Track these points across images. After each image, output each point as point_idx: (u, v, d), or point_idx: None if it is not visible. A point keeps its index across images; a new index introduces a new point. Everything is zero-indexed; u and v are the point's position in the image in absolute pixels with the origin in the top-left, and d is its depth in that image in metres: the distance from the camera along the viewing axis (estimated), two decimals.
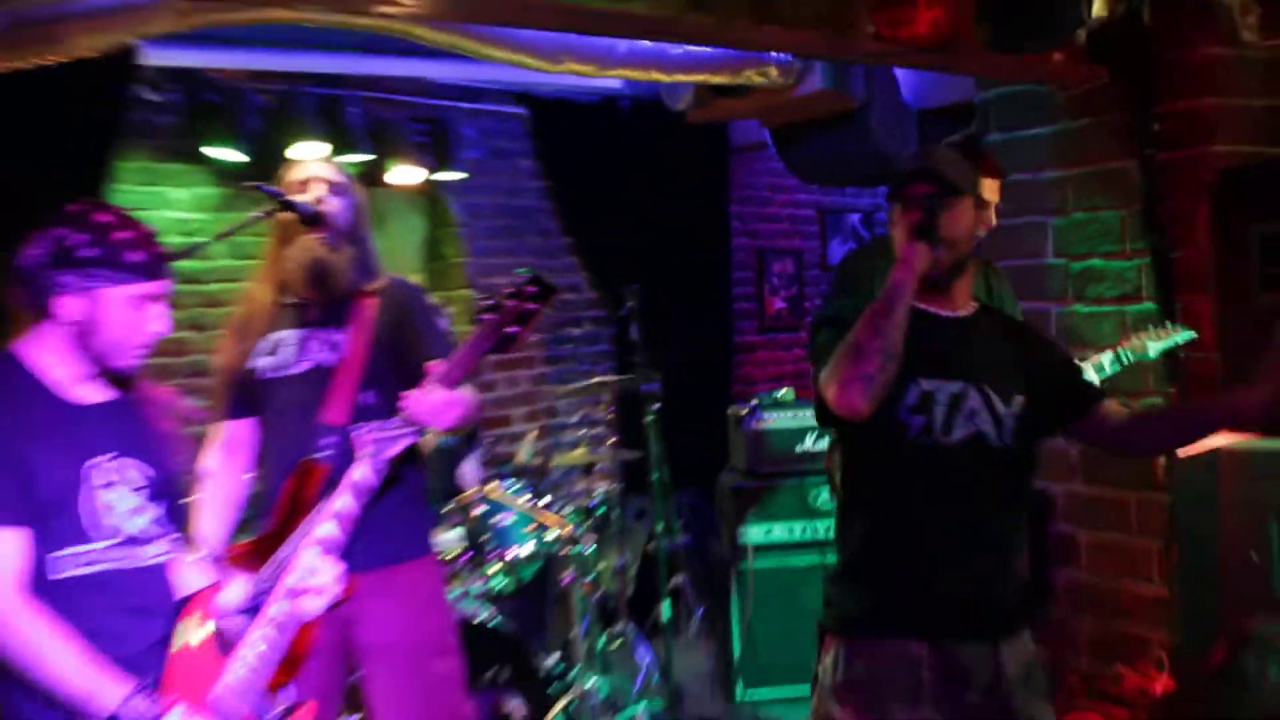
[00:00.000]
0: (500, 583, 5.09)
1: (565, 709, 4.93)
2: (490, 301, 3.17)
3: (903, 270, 2.67)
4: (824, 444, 5.62)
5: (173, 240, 5.84)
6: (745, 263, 8.55)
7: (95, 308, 2.42)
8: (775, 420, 5.69)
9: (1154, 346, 4.07)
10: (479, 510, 4.94)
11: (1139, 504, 5.03)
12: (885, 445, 2.75)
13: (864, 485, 2.85)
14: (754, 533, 5.61)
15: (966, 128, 5.80)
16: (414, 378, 3.46)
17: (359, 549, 3.25)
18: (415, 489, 3.57)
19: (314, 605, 2.66)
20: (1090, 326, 5.12)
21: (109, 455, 2.49)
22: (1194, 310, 4.78)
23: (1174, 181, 4.81)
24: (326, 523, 2.80)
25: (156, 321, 2.49)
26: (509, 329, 3.16)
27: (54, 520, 2.39)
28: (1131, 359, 4.05)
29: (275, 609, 2.62)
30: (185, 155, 5.90)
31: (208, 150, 5.71)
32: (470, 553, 4.95)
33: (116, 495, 2.48)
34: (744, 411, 5.78)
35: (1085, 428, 2.88)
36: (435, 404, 3.16)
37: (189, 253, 3.22)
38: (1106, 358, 4.02)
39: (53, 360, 2.47)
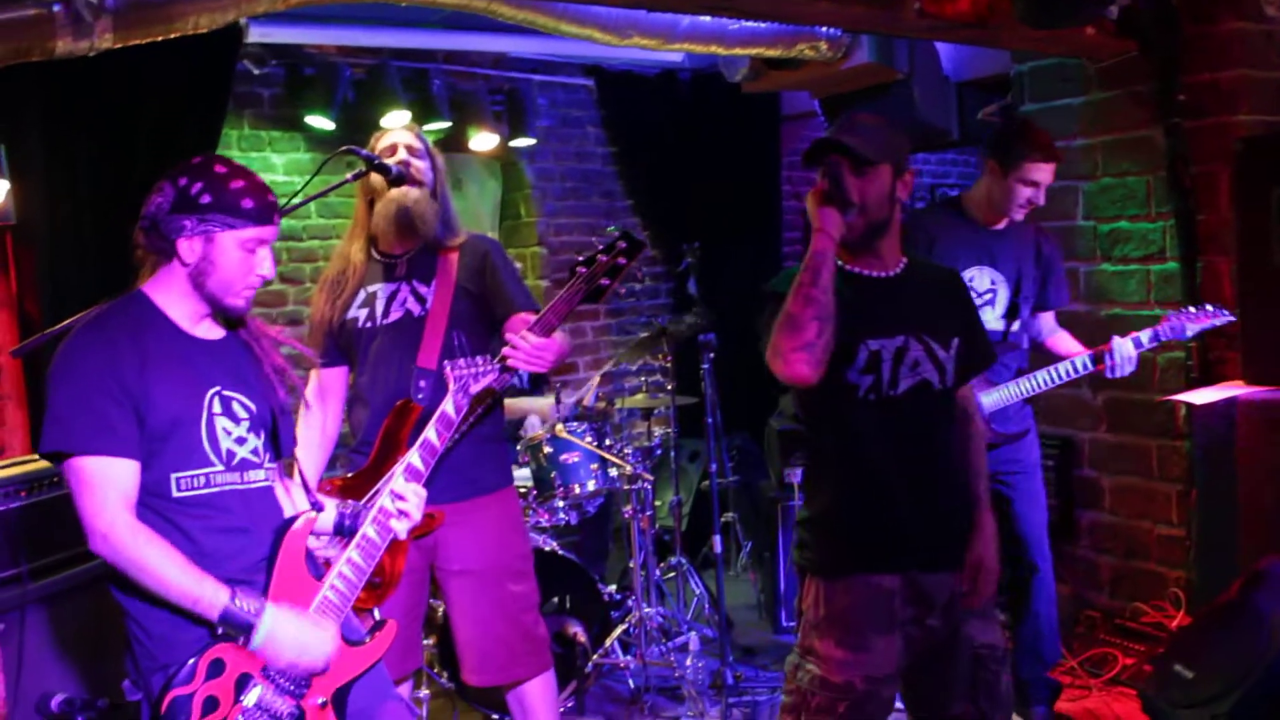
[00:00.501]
0: (565, 517, 5.14)
1: (623, 634, 4.98)
2: (584, 256, 3.22)
3: (820, 237, 2.64)
4: None
5: None
6: (794, 223, 8.50)
7: (210, 249, 2.48)
8: None
9: (1192, 328, 3.99)
10: (547, 449, 4.98)
11: (1160, 450, 5.00)
12: (841, 406, 2.75)
13: (825, 441, 2.85)
14: (799, 474, 5.60)
15: (1003, 98, 5.75)
16: (494, 323, 3.53)
17: (444, 483, 3.31)
18: (495, 427, 3.62)
19: (400, 528, 2.71)
20: (1117, 284, 5.08)
21: (222, 387, 2.55)
22: (1215, 270, 4.73)
23: (1198, 148, 4.75)
24: (414, 452, 2.83)
25: (264, 265, 2.54)
26: (601, 281, 3.23)
27: (175, 443, 2.46)
28: (1170, 338, 3.99)
29: (364, 533, 2.67)
30: (284, 123, 5.97)
31: (306, 119, 5.76)
32: (538, 488, 5.00)
33: (228, 423, 2.54)
34: None
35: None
36: (532, 349, 3.23)
37: (285, 211, 3.24)
38: (1145, 334, 3.95)
39: (175, 299, 2.53)
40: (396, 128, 3.67)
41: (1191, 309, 4.05)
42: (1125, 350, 3.93)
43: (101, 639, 3.26)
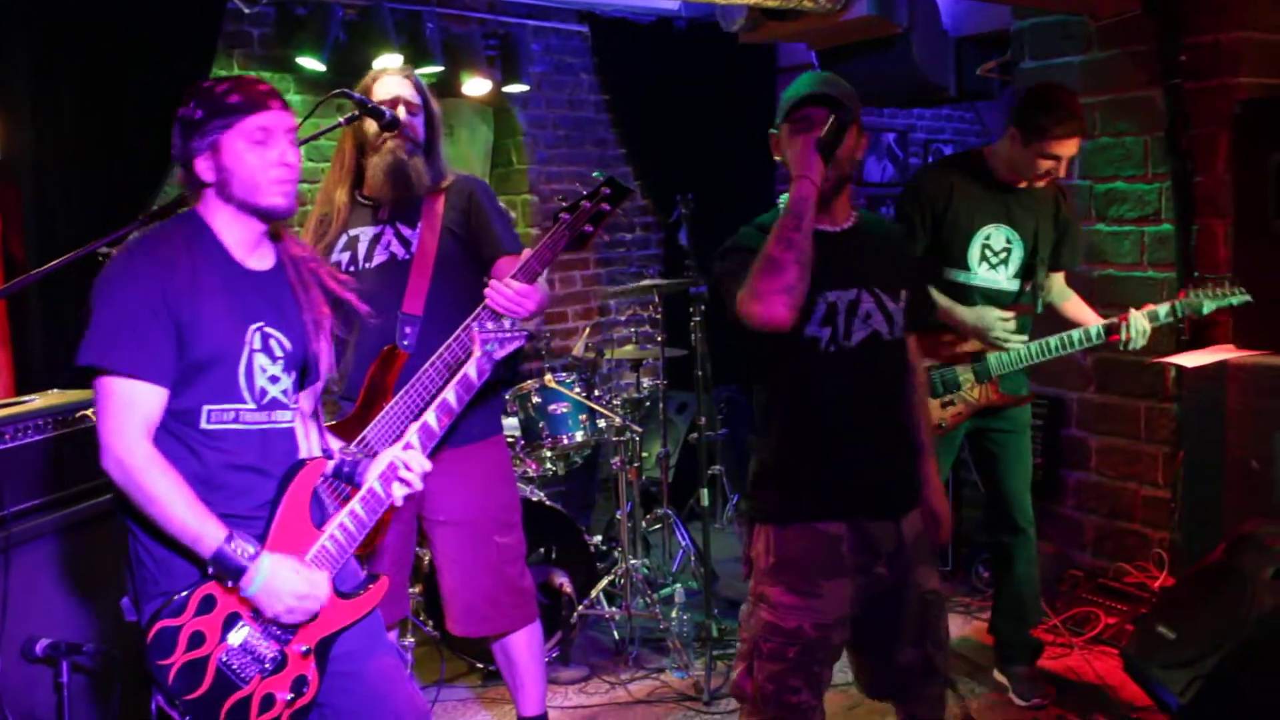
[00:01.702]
0: (552, 467, 5.13)
1: (608, 585, 4.99)
2: (568, 202, 3.18)
3: (803, 183, 2.67)
4: None
5: None
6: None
7: (220, 157, 2.45)
8: None
9: (1208, 304, 3.96)
10: (535, 399, 4.96)
11: (1148, 412, 5.01)
12: (798, 357, 2.78)
13: (779, 393, 2.86)
14: None
15: (1002, 54, 5.70)
16: (483, 266, 3.48)
17: None
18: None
19: (400, 492, 2.69)
20: (1111, 245, 5.06)
21: (265, 322, 2.53)
22: (1210, 233, 4.72)
23: (1197, 110, 4.72)
24: (431, 412, 2.79)
25: (283, 153, 2.48)
26: (585, 228, 3.19)
27: (213, 375, 2.45)
28: (1186, 312, 3.97)
29: (370, 487, 2.65)
30: (274, 64, 5.88)
31: (296, 60, 5.68)
32: (526, 438, 4.99)
33: (265, 360, 2.53)
34: None
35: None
36: (514, 295, 3.18)
37: None
38: (1163, 309, 3.92)
39: (225, 223, 2.51)
40: (392, 70, 3.60)
41: (1210, 284, 4.00)
42: (1139, 324, 3.92)
43: (87, 583, 3.25)
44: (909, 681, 2.95)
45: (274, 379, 2.54)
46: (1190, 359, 4.44)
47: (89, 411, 3.28)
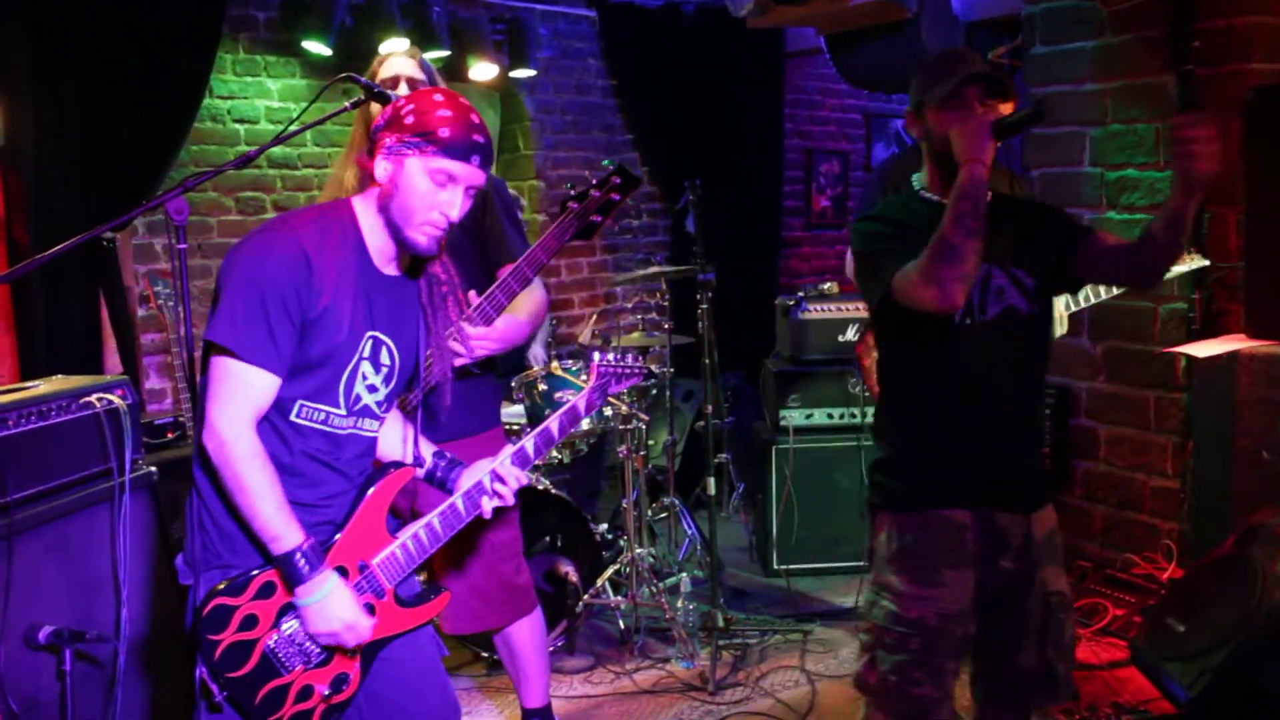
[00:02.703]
0: (558, 455, 5.12)
1: (614, 574, 4.98)
2: (577, 190, 3.15)
3: (979, 168, 2.57)
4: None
5: (267, 127, 5.84)
6: (795, 162, 8.44)
7: (398, 172, 2.42)
8: (818, 311, 5.63)
9: (1175, 269, 3.92)
10: (542, 387, 4.95)
11: (1157, 401, 4.98)
12: (935, 334, 2.72)
13: (912, 373, 2.81)
14: (794, 416, 5.59)
15: (1012, 39, 5.66)
16: (488, 265, 3.46)
17: (425, 423, 3.27)
18: (486, 367, 3.57)
19: (488, 506, 2.70)
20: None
21: (380, 330, 2.52)
22: (1221, 221, 4.69)
23: (1209, 97, 4.68)
24: (530, 438, 2.77)
25: (452, 206, 2.44)
26: (593, 217, 3.16)
27: (318, 376, 2.44)
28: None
29: (454, 503, 2.67)
30: (280, 48, 5.88)
31: (302, 44, 5.66)
32: (532, 426, 4.97)
33: (369, 369, 2.52)
34: (790, 302, 5.73)
35: (1086, 261, 2.77)
36: (473, 341, 3.15)
37: (284, 138, 3.18)
38: None
39: (373, 225, 2.49)
40: (398, 52, 3.57)
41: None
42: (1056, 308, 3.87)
43: (90, 570, 3.24)
44: (1027, 689, 2.84)
45: (372, 388, 2.54)
46: (1201, 348, 4.41)
47: (94, 397, 3.27)
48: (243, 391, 2.36)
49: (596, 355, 2.96)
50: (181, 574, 2.51)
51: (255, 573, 2.42)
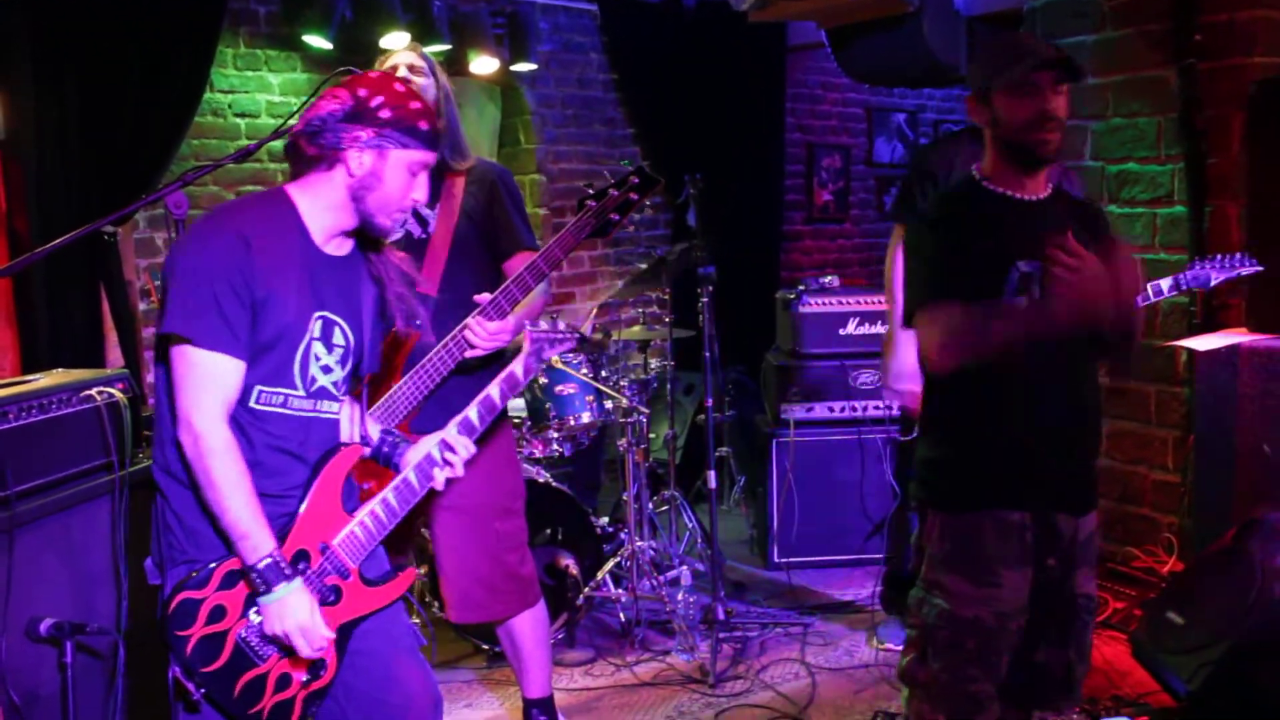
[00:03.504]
0: (559, 448, 5.12)
1: (615, 567, 4.99)
2: (595, 189, 3.16)
3: (1075, 315, 2.50)
4: (864, 329, 5.58)
5: (269, 122, 5.84)
6: (796, 156, 8.43)
7: (380, 165, 2.45)
8: (819, 305, 5.63)
9: (1217, 276, 3.87)
10: (542, 380, 4.95)
11: (1159, 395, 4.99)
12: None
13: (970, 373, 2.70)
14: (795, 409, 5.59)
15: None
16: (497, 256, 3.47)
17: (432, 414, 3.28)
18: (488, 358, 3.56)
19: (440, 477, 2.69)
20: (1123, 227, 5.03)
21: (330, 310, 2.53)
22: (1223, 215, 4.69)
23: (1211, 91, 4.69)
24: (473, 407, 2.76)
25: (419, 190, 2.53)
26: (611, 216, 3.17)
27: (272, 357, 2.44)
28: (1192, 285, 3.86)
29: (405, 478, 2.66)
30: (281, 42, 5.87)
31: (303, 38, 5.66)
32: (533, 419, 4.98)
33: (321, 349, 2.52)
34: (791, 296, 5.73)
35: None
36: (488, 335, 3.20)
37: (282, 133, 3.18)
38: (1166, 282, 3.83)
39: (320, 209, 2.50)
40: (400, 48, 3.58)
41: (1219, 256, 3.92)
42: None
43: (91, 562, 3.24)
44: (1043, 685, 2.83)
45: (326, 369, 2.54)
46: (1202, 342, 4.41)
47: (94, 391, 3.27)
48: (210, 380, 2.35)
49: (528, 325, 2.93)
50: (150, 575, 2.51)
51: (214, 565, 2.40)
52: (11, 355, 4.70)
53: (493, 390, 2.79)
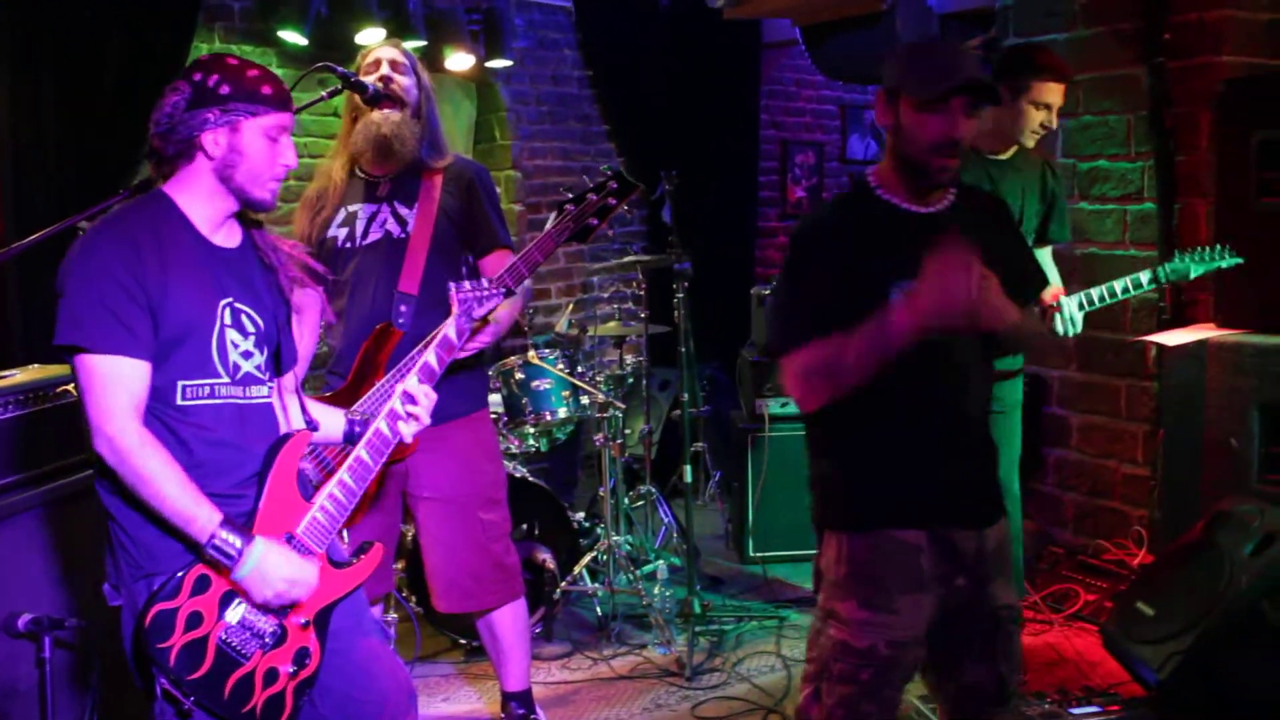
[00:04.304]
0: (535, 443, 5.13)
1: (591, 562, 5.00)
2: (574, 193, 3.19)
3: (916, 326, 2.35)
4: None
5: None
6: (770, 153, 8.47)
7: (236, 139, 2.45)
8: None
9: (1195, 268, 3.85)
10: (519, 375, 4.96)
11: (1128, 390, 5.04)
12: None
13: (856, 391, 2.56)
14: (770, 404, 5.62)
15: (985, 32, 5.70)
16: (475, 252, 3.50)
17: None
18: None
19: (409, 430, 2.69)
20: (1093, 223, 5.08)
21: (234, 298, 2.53)
22: (1192, 212, 4.74)
23: (1180, 89, 4.74)
24: (412, 375, 2.75)
25: (286, 154, 2.52)
26: (590, 220, 3.21)
27: (186, 351, 2.44)
28: (1171, 278, 3.87)
29: (357, 455, 2.64)
30: (256, 38, 5.85)
31: (278, 33, 5.65)
32: (509, 414, 4.99)
33: (237, 336, 2.52)
34: (765, 292, 5.76)
35: None
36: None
37: None
38: (1145, 275, 3.85)
39: (199, 200, 2.50)
40: (380, 45, 3.59)
41: (1198, 249, 3.88)
42: (1069, 309, 3.77)
43: (69, 558, 3.24)
44: (980, 703, 2.69)
45: (247, 354, 2.54)
46: (1171, 337, 4.46)
47: (70, 386, 3.26)
48: (113, 384, 2.34)
49: (453, 286, 2.92)
50: (110, 598, 2.48)
51: (182, 574, 2.38)
52: None
53: (429, 356, 2.80)
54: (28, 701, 3.01)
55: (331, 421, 2.79)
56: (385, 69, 3.43)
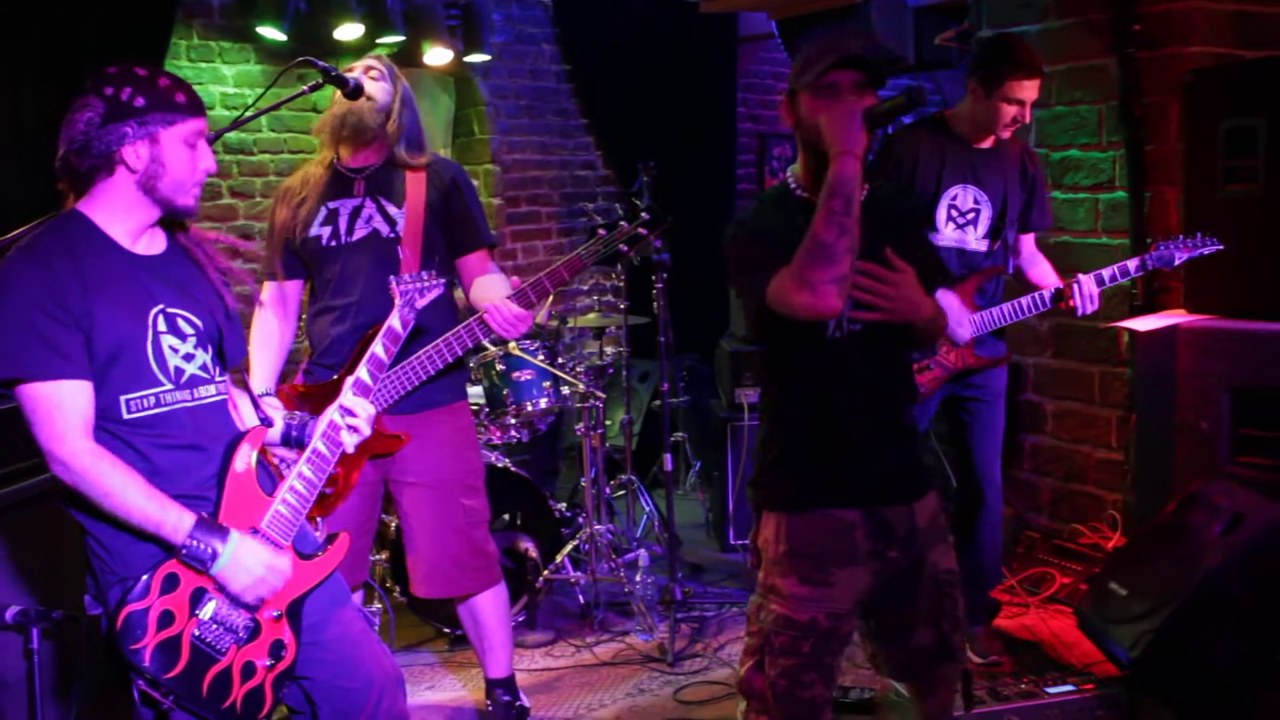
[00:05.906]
0: (516, 434, 5.16)
1: (573, 550, 5.04)
2: (608, 221, 3.33)
3: (851, 162, 2.45)
4: None
5: (222, 114, 5.84)
6: (748, 146, 8.51)
7: (157, 150, 2.45)
8: None
9: (1180, 256, 3.95)
10: (499, 367, 4.99)
11: (1102, 376, 5.09)
12: (808, 343, 2.67)
13: (791, 381, 2.75)
14: (749, 394, 5.66)
15: (960, 23, 5.75)
16: (456, 250, 3.55)
17: (396, 394, 3.36)
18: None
19: (349, 441, 2.71)
20: (1066, 212, 5.13)
21: (165, 304, 2.52)
22: (1162, 200, 4.80)
23: (1150, 79, 4.79)
24: (362, 367, 2.82)
25: (206, 158, 2.52)
26: (620, 246, 3.46)
27: (122, 366, 2.43)
28: (1158, 266, 3.96)
29: (315, 448, 2.67)
30: (235, 34, 5.86)
31: (257, 29, 5.66)
32: (491, 405, 5.02)
33: (174, 340, 2.51)
34: None
35: None
36: (511, 318, 3.39)
37: (237, 124, 3.21)
38: (1132, 263, 3.94)
39: (118, 215, 2.49)
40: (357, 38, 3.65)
41: (1181, 238, 3.99)
42: (1088, 287, 3.91)
43: (56, 551, 3.26)
44: (925, 663, 2.83)
45: (188, 357, 2.53)
46: (1142, 323, 4.52)
47: None
48: (57, 409, 2.33)
49: (393, 280, 2.98)
50: (90, 607, 2.50)
51: (147, 576, 2.39)
52: None
53: (377, 348, 2.84)
54: (16, 693, 3.02)
55: (280, 420, 2.80)
56: (357, 73, 3.46)
